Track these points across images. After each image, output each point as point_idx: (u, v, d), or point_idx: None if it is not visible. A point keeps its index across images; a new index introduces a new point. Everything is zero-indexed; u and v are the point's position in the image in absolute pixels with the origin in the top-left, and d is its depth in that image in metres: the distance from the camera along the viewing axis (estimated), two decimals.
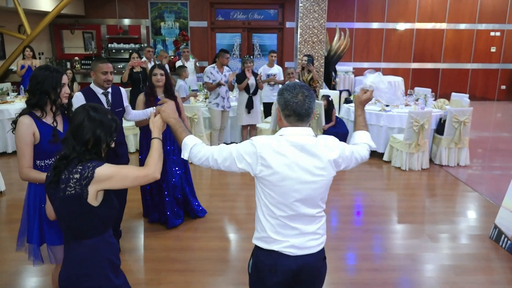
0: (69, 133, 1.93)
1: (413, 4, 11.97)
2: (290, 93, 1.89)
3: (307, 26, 9.21)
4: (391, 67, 12.29)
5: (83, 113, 1.92)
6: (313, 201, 1.94)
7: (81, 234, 1.93)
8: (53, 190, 1.91)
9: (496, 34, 12.30)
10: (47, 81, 2.49)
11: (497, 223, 4.13)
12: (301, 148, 1.88)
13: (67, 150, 1.90)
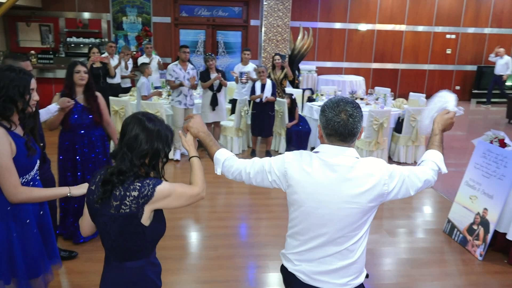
0: (123, 145, 1.73)
1: (374, 6, 12.28)
2: (332, 111, 1.70)
3: (271, 25, 9.26)
4: (353, 67, 12.56)
5: (138, 123, 1.73)
6: (339, 231, 1.72)
7: (129, 255, 1.77)
8: (100, 206, 1.72)
9: (451, 37, 12.82)
10: (13, 86, 2.09)
11: (450, 218, 4.33)
12: (332, 169, 1.70)
13: (123, 165, 1.69)
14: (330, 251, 1.75)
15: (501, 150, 3.89)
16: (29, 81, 2.18)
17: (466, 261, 3.87)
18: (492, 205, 3.81)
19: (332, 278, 1.77)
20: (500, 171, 3.78)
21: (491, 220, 3.80)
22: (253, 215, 4.82)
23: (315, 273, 1.78)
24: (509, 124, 10.36)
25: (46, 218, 2.41)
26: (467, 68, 13.14)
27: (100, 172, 1.81)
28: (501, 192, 3.73)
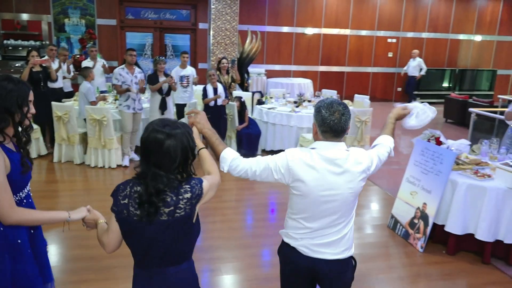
0: (152, 166, 1.70)
1: (320, 11, 12.64)
2: (328, 111, 1.98)
3: (219, 28, 9.29)
4: (301, 70, 12.85)
5: (161, 140, 1.69)
6: (341, 210, 2.05)
7: (182, 257, 1.82)
8: (146, 219, 1.69)
9: (392, 41, 13.46)
10: (11, 97, 1.94)
11: (394, 213, 4.55)
12: (331, 162, 1.98)
13: (160, 184, 1.68)
14: (330, 230, 2.07)
15: (437, 148, 4.15)
16: (28, 92, 2.04)
17: (409, 254, 4.09)
18: (430, 200, 4.06)
19: (330, 249, 2.08)
20: (437, 168, 4.03)
21: (430, 213, 4.05)
22: (206, 218, 4.81)
23: (316, 245, 2.08)
24: (446, 123, 11.03)
25: (39, 237, 2.18)
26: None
27: (130, 188, 1.75)
28: (438, 187, 3.98)
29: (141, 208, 1.69)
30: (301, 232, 2.09)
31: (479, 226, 3.81)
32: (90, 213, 2.07)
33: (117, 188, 1.79)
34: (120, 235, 1.80)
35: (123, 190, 1.76)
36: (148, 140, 1.72)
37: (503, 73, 14.57)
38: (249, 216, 4.98)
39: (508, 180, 3.70)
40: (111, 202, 1.80)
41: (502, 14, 14.03)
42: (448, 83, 14.01)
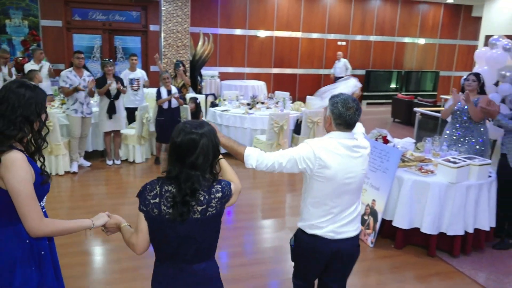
0: (186, 167, 1.74)
1: (271, 14, 12.80)
2: (344, 106, 2.25)
3: (171, 30, 9.18)
4: (254, 72, 12.95)
5: (195, 140, 1.75)
6: (356, 191, 2.37)
7: (210, 253, 1.90)
8: (178, 221, 1.75)
9: (342, 44, 13.86)
10: (29, 104, 1.82)
11: None
12: (350, 148, 2.28)
13: (195, 185, 1.73)
14: (349, 210, 2.36)
15: (384, 146, 4.32)
16: (45, 98, 1.93)
17: (360, 249, 4.21)
18: (379, 196, 4.21)
19: (350, 227, 2.37)
20: (384, 165, 4.19)
21: (378, 209, 4.20)
22: None
23: (340, 227, 2.34)
24: (394, 123, 11.50)
25: (54, 248, 2.12)
26: (357, 72, 14.26)
27: (160, 188, 1.77)
28: (386, 183, 4.14)
29: (175, 207, 1.73)
30: (325, 219, 2.33)
31: (424, 220, 3.99)
32: (110, 218, 2.05)
33: (144, 188, 1.82)
34: (147, 235, 1.84)
35: (151, 190, 1.79)
36: (184, 143, 1.75)
37: (445, 74, 15.40)
38: None
39: (449, 175, 3.92)
40: (61, 211, 1.74)
41: (443, 19, 14.83)
42: (395, 84, 14.62)
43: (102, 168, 6.53)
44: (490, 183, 4.09)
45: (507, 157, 4.19)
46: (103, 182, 5.96)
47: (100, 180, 6.03)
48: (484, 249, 4.24)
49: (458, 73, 15.28)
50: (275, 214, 5.09)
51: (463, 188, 3.93)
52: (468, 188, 3.95)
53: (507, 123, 4.10)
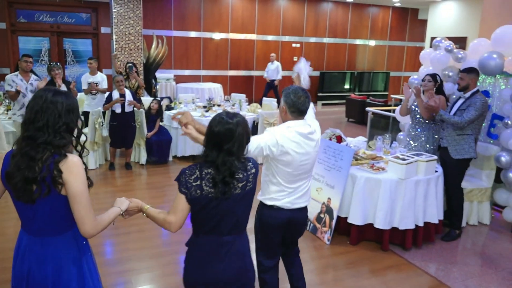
0: (224, 153, 1.95)
1: (226, 16, 12.80)
2: (295, 95, 2.62)
3: (122, 33, 8.97)
4: (211, 75, 12.90)
5: (233, 127, 1.97)
6: (310, 170, 2.77)
7: (245, 225, 2.12)
8: (220, 198, 1.96)
9: (297, 46, 14.09)
10: (67, 111, 1.85)
11: None
12: (306, 136, 2.64)
13: (233, 168, 1.96)
14: (303, 185, 2.77)
15: (338, 145, 4.44)
16: (77, 103, 1.96)
17: (317, 247, 4.31)
18: (334, 194, 4.32)
19: (302, 199, 2.80)
20: (338, 164, 4.30)
21: (334, 207, 4.31)
22: (117, 230, 4.61)
23: (295, 199, 2.75)
24: (348, 122, 11.82)
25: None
26: (312, 74, 14.54)
27: (200, 171, 1.96)
28: (340, 182, 4.25)
29: (216, 187, 1.94)
30: (284, 193, 2.71)
31: (377, 215, 4.13)
32: (131, 202, 2.18)
33: (183, 172, 2.00)
34: (186, 213, 2.03)
35: (190, 174, 1.98)
36: (222, 132, 1.96)
37: (395, 75, 16.02)
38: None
39: (398, 172, 4.08)
40: (9, 222, 1.68)
41: (391, 21, 15.42)
42: (349, 85, 15.04)
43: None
44: (437, 178, 4.29)
45: (448, 150, 4.42)
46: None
47: None
48: (434, 241, 4.44)
49: (407, 73, 15.94)
50: None
51: (412, 184, 4.11)
52: (416, 183, 4.13)
53: (449, 117, 4.33)
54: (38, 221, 1.86)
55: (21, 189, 1.79)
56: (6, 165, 1.84)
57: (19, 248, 1.94)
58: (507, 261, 4.18)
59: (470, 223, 4.92)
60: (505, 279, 3.83)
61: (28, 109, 1.83)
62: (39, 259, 1.88)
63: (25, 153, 1.78)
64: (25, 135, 1.81)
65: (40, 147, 1.79)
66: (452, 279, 3.78)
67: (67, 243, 1.93)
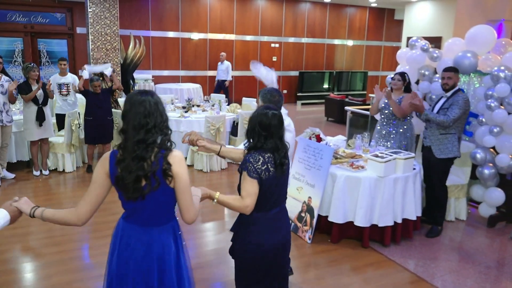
0: (274, 140, 2.32)
1: (204, 16, 12.74)
2: (271, 95, 3.00)
3: (99, 33, 8.81)
4: (190, 75, 12.81)
5: (279, 114, 2.38)
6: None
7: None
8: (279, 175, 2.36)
9: (275, 46, 14.13)
10: (164, 109, 1.98)
11: None
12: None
13: (282, 150, 2.35)
14: None
15: (318, 144, 4.46)
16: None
17: (299, 246, 4.31)
18: (314, 193, 4.34)
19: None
20: (318, 163, 4.32)
21: (314, 206, 4.32)
22: (94, 234, 4.53)
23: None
24: (327, 122, 11.91)
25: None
26: (291, 73, 14.64)
27: (262, 157, 2.28)
28: (320, 180, 4.27)
29: (278, 168, 2.32)
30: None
31: (357, 213, 4.17)
32: (202, 190, 2.33)
33: (247, 161, 2.28)
34: (257, 195, 2.28)
35: (256, 161, 2.27)
36: (274, 122, 2.32)
37: (373, 74, 16.24)
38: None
39: (377, 170, 4.12)
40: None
41: (369, 22, 15.62)
42: (328, 85, 15.17)
43: (28, 179, 6.12)
44: (415, 175, 4.36)
45: (432, 149, 4.49)
46: (30, 194, 5.58)
47: (27, 192, 5.64)
48: (413, 237, 4.51)
49: (385, 72, 16.18)
50: (214, 217, 5.07)
51: (391, 181, 4.16)
52: (395, 180, 4.19)
53: (435, 116, 4.39)
54: (147, 213, 1.97)
55: (131, 189, 1.88)
56: (114, 168, 1.91)
57: (122, 237, 2.03)
58: (483, 255, 4.27)
59: (448, 219, 5.02)
60: (482, 273, 3.92)
61: (134, 115, 1.88)
62: (146, 247, 1.98)
63: (137, 156, 1.87)
64: (136, 139, 1.86)
65: (150, 147, 1.88)
66: (430, 274, 3.85)
67: (168, 232, 2.05)
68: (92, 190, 1.93)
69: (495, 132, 4.61)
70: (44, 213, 1.95)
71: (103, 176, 1.93)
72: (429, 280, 3.75)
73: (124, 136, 1.90)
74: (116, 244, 2.05)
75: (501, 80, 4.51)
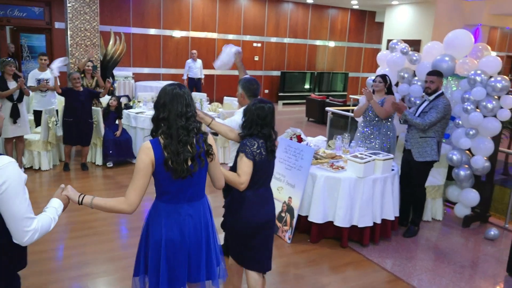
0: (268, 128, 2.72)
1: (187, 14, 12.65)
2: (250, 84, 3.31)
3: (78, 28, 8.65)
4: (171, 73, 12.70)
5: (271, 105, 2.78)
6: None
7: None
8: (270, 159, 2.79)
9: (258, 45, 14.14)
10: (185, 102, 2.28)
11: None
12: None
13: (274, 138, 2.78)
14: None
15: (298, 145, 4.48)
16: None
17: (279, 246, 4.33)
18: (294, 193, 4.36)
19: None
20: (299, 163, 4.34)
21: (295, 206, 4.34)
22: (70, 234, 4.45)
23: None
24: (308, 122, 11.99)
25: None
26: (273, 73, 14.67)
27: (257, 142, 2.68)
28: (301, 181, 4.30)
29: (269, 153, 2.72)
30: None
31: (336, 213, 4.21)
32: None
33: (244, 144, 2.66)
34: (251, 175, 2.65)
35: (252, 145, 2.66)
36: (269, 113, 2.72)
37: (353, 75, 16.42)
38: (121, 226, 4.74)
39: (357, 170, 4.17)
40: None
41: (350, 23, 15.78)
42: (309, 85, 15.26)
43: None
44: (393, 176, 4.43)
45: (412, 153, 4.56)
46: None
47: None
48: (391, 237, 4.58)
49: (365, 74, 16.38)
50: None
51: (370, 182, 4.21)
52: (374, 181, 4.24)
53: (412, 118, 4.46)
54: (192, 189, 2.22)
55: (183, 169, 2.11)
56: (160, 153, 2.09)
57: (169, 217, 2.20)
58: (458, 255, 4.37)
59: (424, 219, 5.11)
60: (456, 272, 4.01)
61: (176, 105, 2.12)
62: (194, 219, 2.25)
63: (181, 140, 2.10)
64: (179, 125, 2.11)
65: (192, 132, 2.15)
66: (407, 274, 3.91)
67: (205, 204, 2.36)
68: (139, 178, 2.08)
69: (471, 134, 4.72)
70: (94, 201, 2.08)
71: (148, 164, 2.08)
72: (405, 279, 3.81)
73: (166, 124, 2.11)
74: (161, 225, 2.21)
75: (477, 83, 4.61)
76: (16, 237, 1.73)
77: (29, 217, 1.73)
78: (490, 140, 4.77)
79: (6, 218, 1.69)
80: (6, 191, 1.65)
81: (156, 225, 2.21)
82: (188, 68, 11.45)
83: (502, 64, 14.00)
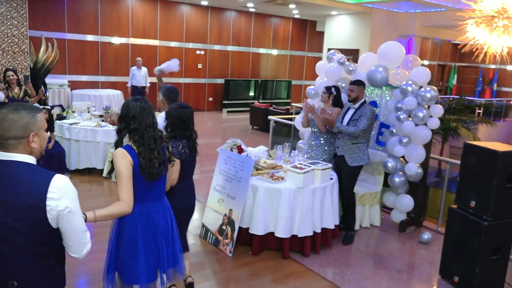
0: (187, 130, 3.15)
1: (126, 20, 12.28)
2: (170, 92, 3.61)
3: (4, 34, 8.08)
4: (111, 81, 12.24)
5: (190, 109, 3.19)
6: None
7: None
8: (192, 157, 3.27)
9: (201, 53, 14.00)
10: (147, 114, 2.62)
11: (204, 222, 4.67)
12: None
13: (194, 138, 3.23)
14: None
15: (238, 156, 4.42)
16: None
17: (220, 260, 4.23)
18: (235, 205, 4.28)
19: None
20: (239, 175, 4.28)
21: (235, 218, 4.27)
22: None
23: None
24: (253, 130, 12.00)
25: None
26: (217, 81, 14.58)
27: (181, 143, 3.08)
28: (241, 192, 4.23)
29: (192, 151, 3.14)
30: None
31: (277, 224, 4.18)
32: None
33: (172, 146, 2.88)
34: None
35: (177, 146, 3.02)
36: (189, 116, 3.12)
37: (296, 83, 16.71)
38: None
39: (296, 180, 4.18)
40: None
41: (292, 32, 16.07)
42: (253, 93, 15.33)
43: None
44: (332, 185, 4.48)
45: (345, 158, 4.65)
46: None
47: None
48: (331, 246, 4.63)
49: (308, 82, 16.72)
50: None
51: (309, 192, 4.23)
52: (314, 191, 4.27)
53: (345, 128, 4.56)
54: (159, 189, 2.60)
55: (154, 172, 2.45)
56: (136, 158, 2.41)
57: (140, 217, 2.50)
58: (395, 260, 4.50)
59: (363, 225, 5.23)
60: (393, 277, 4.12)
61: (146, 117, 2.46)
62: (163, 213, 2.63)
63: (151, 148, 2.46)
64: (149, 135, 2.46)
65: (158, 141, 2.51)
66: (347, 282, 3.96)
67: (167, 200, 2.75)
68: (126, 180, 2.37)
69: (404, 142, 4.90)
70: (97, 215, 2.23)
71: (129, 166, 2.37)
72: None
73: (138, 134, 2.43)
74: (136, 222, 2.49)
75: (409, 93, 4.80)
76: (75, 251, 1.79)
77: (86, 229, 1.83)
78: (422, 148, 4.98)
79: (68, 235, 1.75)
80: (70, 210, 1.71)
81: (131, 223, 2.48)
82: (132, 75, 10.97)
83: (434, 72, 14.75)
